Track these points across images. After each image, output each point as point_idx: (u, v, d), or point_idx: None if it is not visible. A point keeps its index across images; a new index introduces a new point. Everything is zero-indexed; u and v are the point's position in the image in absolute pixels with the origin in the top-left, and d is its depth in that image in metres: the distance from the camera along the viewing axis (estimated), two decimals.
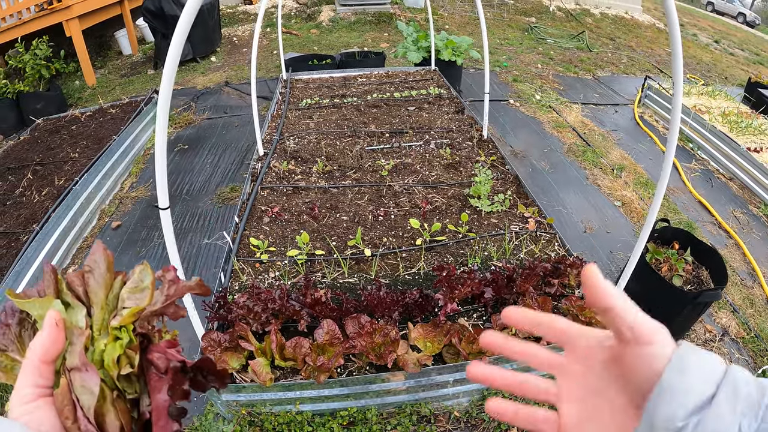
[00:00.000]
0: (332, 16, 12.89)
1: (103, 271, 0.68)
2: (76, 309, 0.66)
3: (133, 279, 0.69)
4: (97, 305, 0.67)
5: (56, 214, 4.58)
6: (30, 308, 0.64)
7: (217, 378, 0.69)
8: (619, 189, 5.79)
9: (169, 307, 0.69)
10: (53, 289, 0.67)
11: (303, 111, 6.36)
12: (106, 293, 0.68)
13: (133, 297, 0.67)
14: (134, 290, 0.68)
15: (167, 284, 0.69)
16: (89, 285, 0.68)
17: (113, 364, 0.62)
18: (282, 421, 2.93)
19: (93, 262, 0.69)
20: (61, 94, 8.29)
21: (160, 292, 0.69)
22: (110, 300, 0.68)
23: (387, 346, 2.82)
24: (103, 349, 0.63)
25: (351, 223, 4.10)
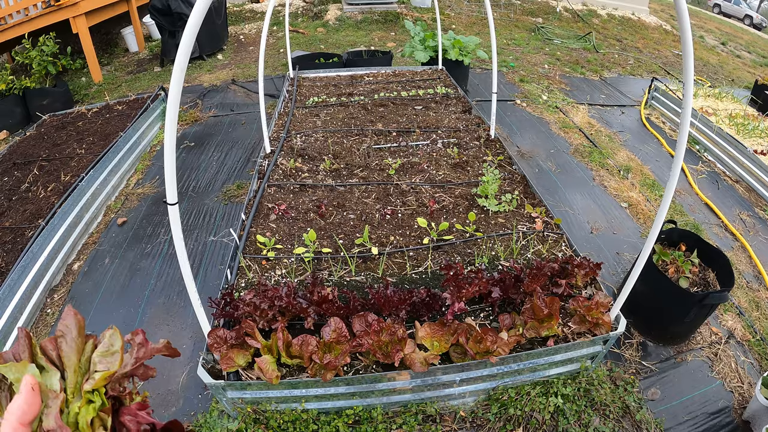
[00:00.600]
0: (339, 14, 12.88)
1: (75, 336, 0.72)
2: (51, 373, 0.68)
3: (104, 343, 0.72)
4: (70, 369, 0.69)
5: (62, 210, 4.58)
6: (6, 372, 0.66)
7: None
8: (625, 190, 5.77)
9: (139, 369, 0.73)
10: (28, 354, 0.69)
11: (310, 109, 6.36)
12: (79, 357, 0.71)
13: (104, 361, 0.70)
14: (105, 354, 0.71)
15: (136, 347, 0.73)
16: (62, 350, 0.71)
17: (87, 427, 0.65)
18: (287, 419, 2.92)
19: (65, 327, 0.72)
20: (68, 91, 8.30)
21: (130, 354, 0.72)
22: (83, 363, 0.71)
23: (394, 344, 2.81)
24: (77, 411, 0.66)
25: (358, 222, 4.09)
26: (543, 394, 3.17)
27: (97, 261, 4.63)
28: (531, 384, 3.20)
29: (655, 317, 3.81)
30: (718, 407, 3.44)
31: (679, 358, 3.77)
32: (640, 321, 3.93)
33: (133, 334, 0.74)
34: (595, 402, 3.22)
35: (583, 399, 3.21)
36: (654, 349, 3.85)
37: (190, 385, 3.44)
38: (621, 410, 3.26)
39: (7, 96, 7.53)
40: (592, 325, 3.03)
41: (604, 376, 3.36)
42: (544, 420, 3.08)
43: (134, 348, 0.73)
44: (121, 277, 4.43)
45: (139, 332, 0.74)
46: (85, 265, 4.60)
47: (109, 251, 4.74)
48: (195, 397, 3.37)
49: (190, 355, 3.64)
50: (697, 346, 3.90)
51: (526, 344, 3.05)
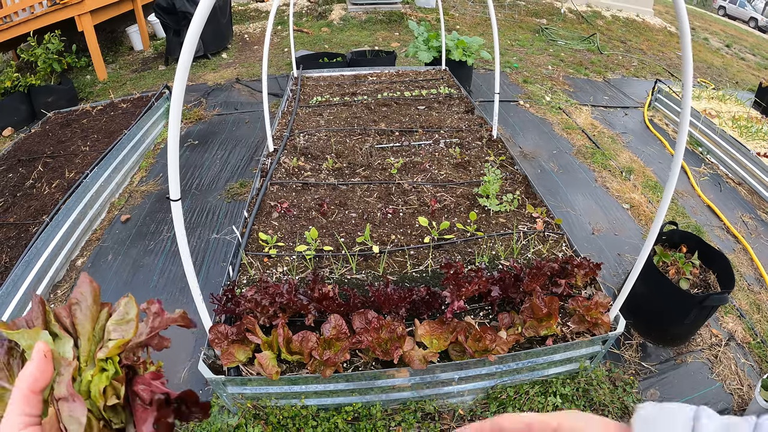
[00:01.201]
0: (343, 14, 12.90)
1: (90, 304, 0.71)
2: (64, 340, 0.68)
3: (119, 311, 0.72)
4: (84, 337, 0.69)
5: (66, 206, 4.61)
6: (19, 338, 0.66)
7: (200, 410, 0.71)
8: (627, 192, 5.78)
9: (154, 339, 0.72)
10: (41, 320, 0.69)
11: (313, 108, 6.38)
12: (93, 325, 0.70)
13: (119, 329, 0.70)
14: (120, 322, 0.70)
15: (152, 316, 0.72)
16: (76, 317, 0.70)
17: (100, 395, 0.64)
18: (287, 415, 2.94)
19: (80, 295, 0.71)
20: (73, 88, 8.33)
21: (145, 323, 0.71)
22: (96, 332, 0.70)
23: (393, 342, 2.82)
24: (90, 380, 0.65)
25: (360, 220, 4.11)
26: (542, 393, 3.19)
27: (100, 257, 4.66)
28: (530, 383, 3.21)
29: (655, 318, 3.82)
30: (718, 409, 3.43)
31: (679, 360, 3.78)
32: (640, 322, 3.94)
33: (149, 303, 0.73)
34: (593, 402, 3.23)
35: (581, 399, 3.22)
36: (654, 350, 3.86)
37: (191, 380, 3.46)
38: (620, 411, 3.26)
39: (12, 93, 7.56)
40: (591, 325, 3.04)
41: (603, 377, 3.37)
42: None
43: (149, 317, 0.72)
44: (124, 273, 4.45)
45: (154, 301, 0.73)
46: (88, 261, 4.63)
47: (113, 248, 4.77)
48: (196, 392, 3.39)
49: (192, 351, 3.66)
50: (697, 348, 3.91)
51: (525, 343, 3.06)
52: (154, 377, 0.69)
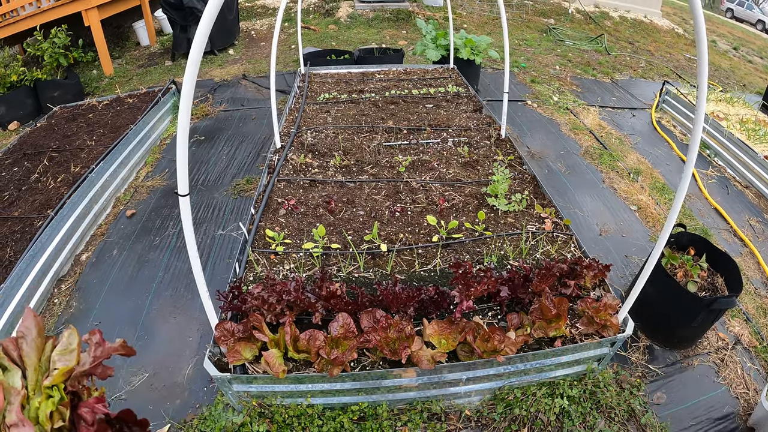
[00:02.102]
0: (350, 12, 12.88)
1: (35, 336, 0.75)
2: (13, 371, 0.72)
3: (62, 342, 0.76)
4: (31, 367, 0.73)
5: (71, 201, 4.60)
6: None
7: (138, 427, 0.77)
8: (635, 193, 5.75)
9: (97, 368, 0.77)
10: None
11: (321, 105, 6.36)
12: (39, 356, 0.74)
13: (63, 359, 0.75)
14: (63, 352, 0.75)
15: (93, 347, 0.77)
16: (23, 350, 0.74)
17: (47, 419, 0.69)
18: (292, 413, 2.93)
19: (25, 329, 0.75)
20: (79, 83, 8.32)
21: (88, 354, 0.76)
22: (43, 362, 0.74)
23: (402, 341, 2.81)
24: (38, 406, 0.69)
25: (367, 218, 4.09)
26: (549, 395, 3.16)
27: (105, 252, 4.65)
28: (537, 384, 3.19)
29: (663, 321, 3.80)
30: (724, 413, 3.42)
31: (686, 363, 3.75)
32: (647, 324, 3.92)
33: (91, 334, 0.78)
34: (600, 404, 3.21)
35: (588, 401, 3.20)
36: (660, 352, 3.83)
37: (196, 377, 3.44)
38: (626, 413, 3.25)
39: (19, 87, 7.56)
40: (600, 326, 3.02)
41: (610, 379, 3.35)
42: (550, 421, 3.08)
43: (91, 347, 0.76)
44: (129, 268, 4.44)
45: (96, 332, 0.78)
46: (93, 256, 4.61)
47: (118, 243, 4.76)
48: (200, 389, 3.38)
49: (197, 348, 3.64)
50: (704, 351, 3.88)
51: (533, 344, 3.04)
52: (97, 401, 0.75)
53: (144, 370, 3.50)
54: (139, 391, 3.36)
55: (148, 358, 3.57)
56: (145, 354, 3.60)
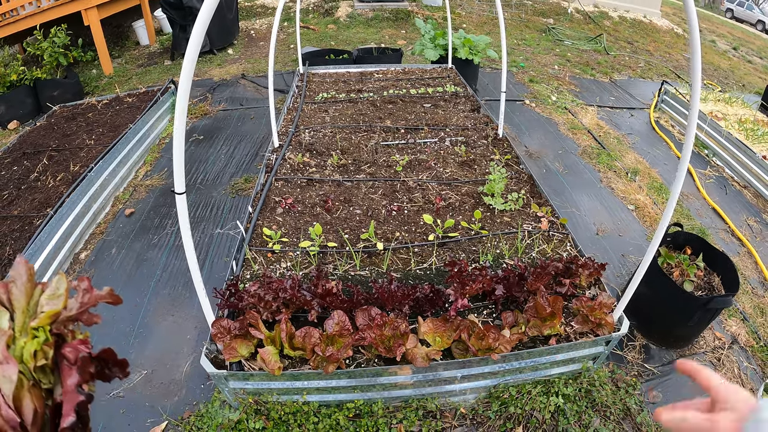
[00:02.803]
0: (350, 12, 12.89)
1: (25, 281, 0.77)
2: (1, 313, 0.74)
3: (51, 287, 0.78)
4: (19, 310, 0.75)
5: (70, 200, 4.62)
6: None
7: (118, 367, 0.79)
8: (632, 193, 5.76)
9: (84, 314, 0.77)
10: None
11: (319, 105, 6.37)
12: (28, 300, 0.76)
13: (50, 303, 0.76)
14: (51, 297, 0.76)
15: (81, 293, 0.78)
16: (12, 293, 0.76)
17: (30, 358, 0.71)
18: (288, 410, 2.94)
19: (16, 274, 0.77)
20: (78, 82, 8.34)
21: (75, 300, 0.77)
22: (31, 306, 0.76)
23: (396, 339, 2.82)
24: (23, 345, 0.72)
25: (364, 217, 4.10)
26: (544, 393, 3.18)
27: (104, 251, 4.66)
28: (532, 383, 3.21)
29: (659, 320, 3.81)
30: None
31: None
32: (643, 323, 3.93)
33: (79, 281, 0.80)
34: (596, 403, 3.22)
35: (584, 399, 3.21)
36: (657, 351, 3.85)
37: (193, 374, 3.46)
38: (622, 412, 3.26)
39: (18, 86, 7.58)
40: (595, 325, 3.03)
41: (605, 378, 3.36)
42: (545, 419, 3.09)
43: (79, 294, 0.78)
44: (127, 267, 4.46)
45: (84, 279, 0.79)
46: (92, 254, 4.63)
47: (117, 241, 4.77)
48: (197, 387, 3.39)
49: (195, 345, 3.66)
50: (700, 351, 3.90)
51: (528, 342, 3.05)
52: (80, 343, 0.76)
53: (142, 367, 3.51)
54: (137, 388, 3.38)
55: (146, 355, 3.59)
56: (143, 351, 3.61)
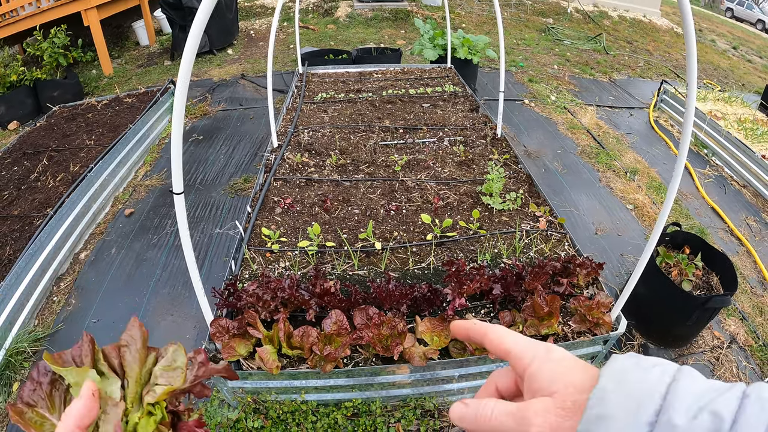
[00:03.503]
0: (349, 12, 12.90)
1: (139, 347, 0.73)
2: (111, 380, 0.70)
3: (167, 358, 0.74)
4: (131, 379, 0.71)
5: (70, 200, 4.63)
6: (67, 375, 0.68)
7: None
8: (631, 192, 5.77)
9: (196, 387, 0.75)
10: (90, 359, 0.71)
11: (318, 105, 6.38)
12: (141, 368, 0.72)
13: (166, 375, 0.72)
14: (167, 368, 0.73)
15: (197, 365, 0.75)
16: (125, 359, 0.72)
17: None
18: (287, 409, 2.95)
19: (130, 338, 0.73)
20: (78, 83, 8.35)
21: (190, 371, 0.74)
22: (143, 374, 0.72)
23: (394, 338, 2.83)
24: (136, 422, 0.68)
25: (362, 217, 4.11)
26: None
27: (103, 251, 4.68)
28: None
29: (657, 319, 3.82)
30: None
31: (681, 362, 3.77)
32: (642, 323, 3.94)
33: (196, 353, 0.76)
34: None
35: None
36: (655, 351, 3.85)
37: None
38: None
39: (18, 87, 7.59)
40: (593, 324, 3.04)
41: None
42: None
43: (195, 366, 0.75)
44: (127, 267, 4.47)
45: (201, 351, 0.76)
46: (92, 254, 4.64)
47: (116, 241, 4.79)
48: None
49: (194, 345, 3.67)
50: (699, 350, 3.90)
51: None
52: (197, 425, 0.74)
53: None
54: None
55: None
56: None
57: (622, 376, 0.51)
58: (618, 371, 0.52)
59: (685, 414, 0.45)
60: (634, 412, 0.47)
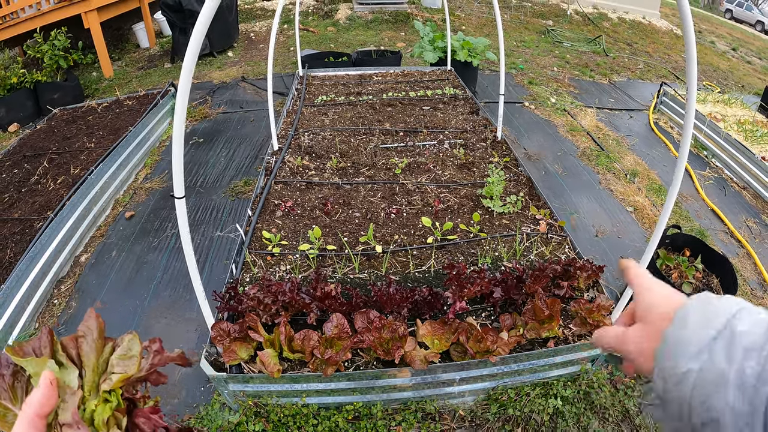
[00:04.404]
0: (349, 14, 12.91)
1: (96, 337, 0.75)
2: (69, 370, 0.72)
3: (123, 347, 0.76)
4: (88, 368, 0.73)
5: (71, 203, 4.63)
6: (27, 365, 0.70)
7: None
8: (631, 194, 5.77)
9: (152, 375, 0.77)
10: (49, 350, 0.73)
11: (318, 108, 6.39)
12: (98, 358, 0.74)
13: (122, 363, 0.74)
14: (123, 357, 0.75)
15: (152, 354, 0.78)
16: (82, 349, 0.74)
17: (103, 425, 0.69)
18: (288, 413, 2.95)
19: (86, 329, 0.75)
20: (79, 85, 8.36)
21: (146, 360, 0.76)
22: (101, 364, 0.74)
23: (395, 341, 2.83)
24: (93, 409, 0.70)
25: (363, 220, 4.11)
26: (542, 395, 3.19)
27: (104, 254, 4.68)
28: (531, 385, 3.22)
29: None
30: None
31: None
32: None
33: (151, 342, 0.78)
34: (594, 405, 3.23)
35: (582, 401, 3.22)
36: None
37: (193, 377, 3.47)
38: (620, 414, 3.27)
39: (19, 89, 7.60)
40: (593, 327, 3.04)
41: (604, 379, 3.37)
42: (543, 421, 3.10)
43: (150, 354, 0.77)
44: (127, 269, 4.47)
45: (156, 340, 0.78)
46: (92, 257, 4.64)
47: (117, 244, 4.79)
48: (197, 389, 3.40)
49: (195, 348, 3.67)
50: None
51: (526, 345, 3.06)
52: (152, 411, 0.75)
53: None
54: None
55: None
56: None
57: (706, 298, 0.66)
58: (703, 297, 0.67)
59: (744, 325, 0.58)
60: (708, 323, 0.61)
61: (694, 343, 0.60)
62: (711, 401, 0.56)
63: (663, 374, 0.63)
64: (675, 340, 0.63)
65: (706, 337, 0.60)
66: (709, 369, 0.57)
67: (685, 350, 0.60)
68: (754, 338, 0.57)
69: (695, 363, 0.59)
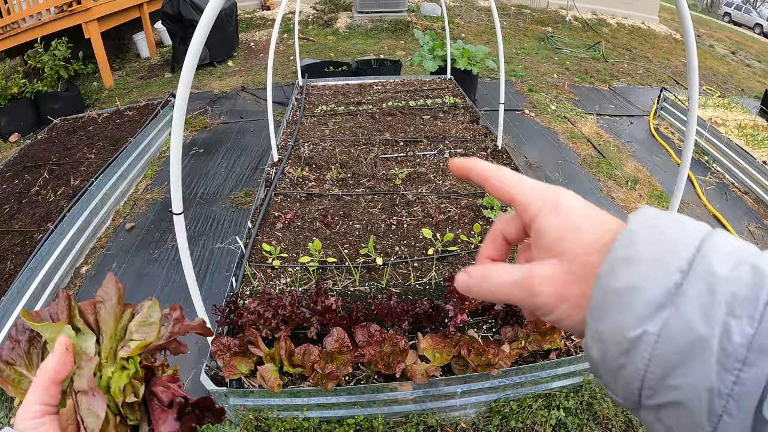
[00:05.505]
0: (349, 23, 12.95)
1: (114, 303, 0.73)
2: (86, 336, 0.70)
3: (142, 313, 0.73)
4: (106, 334, 0.71)
5: (71, 214, 4.63)
6: (42, 330, 0.68)
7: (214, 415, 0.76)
8: (633, 201, 5.76)
9: (172, 343, 0.75)
10: (66, 315, 0.71)
11: (318, 117, 6.39)
12: (116, 324, 0.72)
13: (141, 330, 0.72)
14: (142, 324, 0.72)
15: (173, 322, 0.75)
16: (100, 315, 0.72)
17: (119, 392, 0.67)
18: (289, 427, 2.94)
19: (105, 294, 0.73)
20: (79, 95, 8.39)
21: (165, 328, 0.74)
22: (119, 330, 0.72)
23: (396, 355, 2.82)
24: (110, 376, 0.68)
25: (363, 231, 4.10)
26: (545, 406, 3.17)
27: (104, 265, 4.67)
28: (533, 396, 3.20)
29: None
30: None
31: None
32: None
33: (171, 309, 0.76)
34: (597, 416, 3.22)
35: (585, 412, 3.20)
36: None
37: (193, 391, 3.45)
38: (624, 425, 3.25)
39: (19, 99, 7.63)
40: None
41: None
42: None
43: (170, 322, 0.75)
44: (128, 282, 4.46)
45: (176, 308, 0.76)
46: (92, 269, 4.64)
47: (117, 256, 4.78)
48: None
49: (194, 362, 3.66)
50: None
51: (528, 357, 3.05)
52: (171, 380, 0.72)
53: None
54: None
55: None
56: None
57: (654, 222, 0.44)
58: (650, 218, 0.45)
59: (723, 263, 0.39)
60: (664, 257, 0.41)
61: (649, 292, 0.40)
62: (675, 378, 0.39)
63: (601, 337, 0.43)
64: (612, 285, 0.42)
65: (666, 281, 0.40)
66: (675, 332, 0.38)
67: (636, 303, 0.40)
68: (739, 284, 0.38)
69: (652, 324, 0.39)
